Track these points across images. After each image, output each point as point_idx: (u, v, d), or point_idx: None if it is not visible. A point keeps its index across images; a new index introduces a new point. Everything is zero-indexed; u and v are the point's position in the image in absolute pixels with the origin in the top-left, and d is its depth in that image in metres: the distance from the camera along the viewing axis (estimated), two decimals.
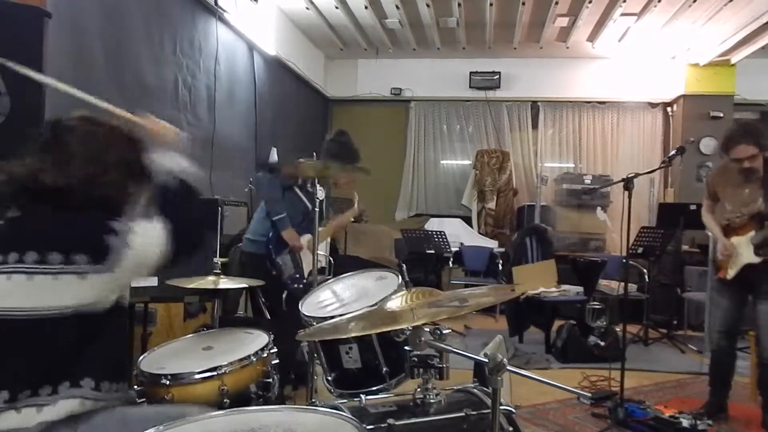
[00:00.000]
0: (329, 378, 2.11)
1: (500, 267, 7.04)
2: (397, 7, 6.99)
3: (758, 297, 3.35)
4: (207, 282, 2.59)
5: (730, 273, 3.45)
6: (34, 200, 1.58)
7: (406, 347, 1.64)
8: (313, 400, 2.36)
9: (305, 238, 3.58)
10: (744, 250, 3.36)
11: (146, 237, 1.59)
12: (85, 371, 1.52)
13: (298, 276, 3.55)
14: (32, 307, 1.48)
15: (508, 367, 1.28)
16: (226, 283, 2.62)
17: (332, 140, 3.68)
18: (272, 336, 2.20)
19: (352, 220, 3.80)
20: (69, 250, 1.50)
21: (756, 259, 3.29)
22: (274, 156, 6.93)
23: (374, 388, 2.00)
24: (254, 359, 2.02)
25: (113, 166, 1.63)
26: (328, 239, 5.16)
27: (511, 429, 1.71)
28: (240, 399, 1.92)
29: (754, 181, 3.32)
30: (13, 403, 1.44)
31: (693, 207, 5.58)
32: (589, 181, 8.03)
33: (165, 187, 1.71)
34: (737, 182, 3.41)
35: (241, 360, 1.99)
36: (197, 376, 1.90)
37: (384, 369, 1.99)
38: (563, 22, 7.29)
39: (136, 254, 1.55)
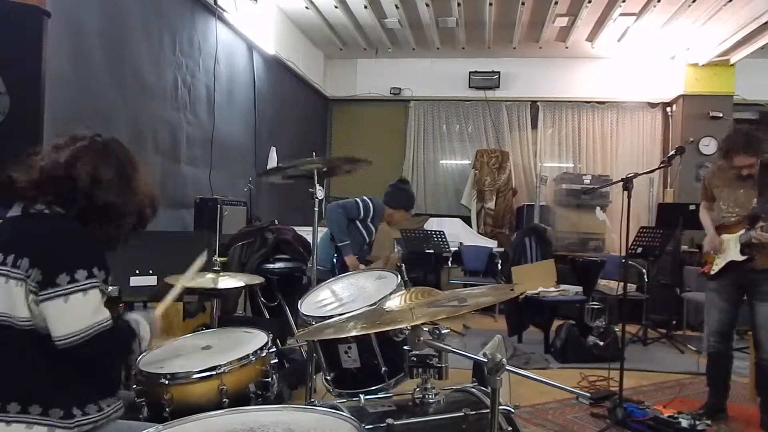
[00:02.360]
0: (328, 378, 2.11)
1: (499, 267, 7.04)
2: (396, 6, 6.99)
3: (756, 298, 3.38)
4: (206, 281, 2.59)
5: (714, 268, 3.52)
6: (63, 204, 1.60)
7: (405, 347, 1.64)
8: (312, 400, 2.36)
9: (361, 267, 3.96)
10: (731, 247, 3.43)
11: (84, 307, 1.53)
12: (50, 400, 1.51)
13: None
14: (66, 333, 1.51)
15: (507, 367, 1.28)
16: (225, 282, 2.62)
17: (400, 188, 4.34)
18: (271, 335, 2.20)
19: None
20: (34, 260, 1.51)
21: (740, 258, 3.37)
22: (273, 156, 6.93)
23: (373, 388, 1.99)
24: (253, 359, 2.02)
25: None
26: None
27: (510, 429, 1.71)
28: (239, 398, 1.92)
29: (749, 183, 3.39)
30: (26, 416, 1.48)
31: (692, 207, 5.57)
32: (588, 181, 8.02)
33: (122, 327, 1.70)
34: (733, 183, 3.47)
35: (240, 359, 1.98)
36: (196, 376, 1.90)
37: (383, 369, 1.99)
38: (563, 21, 7.29)
39: (62, 309, 1.50)
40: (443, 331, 1.56)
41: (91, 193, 1.60)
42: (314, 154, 3.28)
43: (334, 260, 3.98)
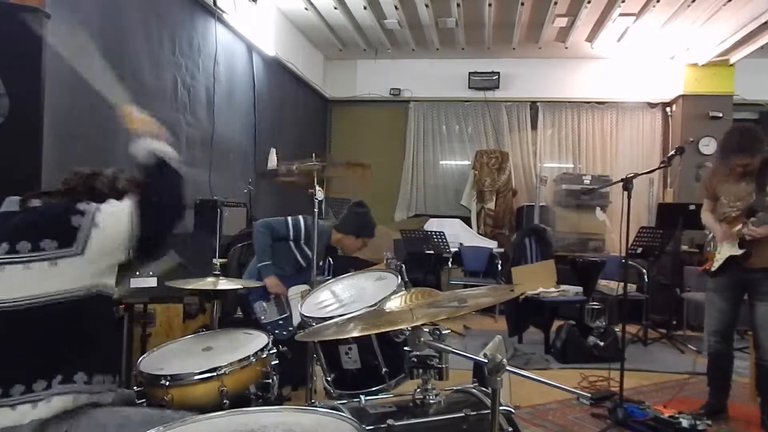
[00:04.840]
0: (329, 378, 2.11)
1: (499, 267, 7.04)
2: (395, 7, 6.99)
3: (756, 298, 3.38)
4: (206, 283, 2.59)
5: (715, 265, 3.52)
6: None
7: (406, 348, 1.64)
8: (313, 401, 2.36)
9: (298, 288, 3.61)
10: (731, 242, 3.43)
11: (113, 215, 1.58)
12: (77, 365, 1.52)
13: (281, 323, 3.56)
14: (6, 298, 1.49)
15: (508, 368, 1.28)
16: (225, 284, 2.62)
17: (353, 211, 3.84)
18: (271, 337, 2.20)
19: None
20: (37, 237, 1.51)
21: (738, 251, 3.37)
22: (273, 157, 6.92)
23: (374, 389, 1.99)
24: (254, 360, 2.02)
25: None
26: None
27: (510, 429, 1.71)
28: (239, 400, 1.92)
29: (750, 177, 3.40)
30: (7, 399, 1.44)
31: (692, 207, 5.57)
32: (588, 182, 8.03)
33: (144, 167, 1.72)
34: (734, 177, 3.47)
35: (240, 361, 1.98)
36: (197, 377, 1.90)
37: (383, 369, 1.99)
38: (562, 22, 7.29)
39: (103, 233, 1.54)
40: (443, 332, 1.56)
41: None
42: (314, 155, 3.29)
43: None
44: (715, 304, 3.59)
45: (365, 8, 7.05)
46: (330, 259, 5.59)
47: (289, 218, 3.68)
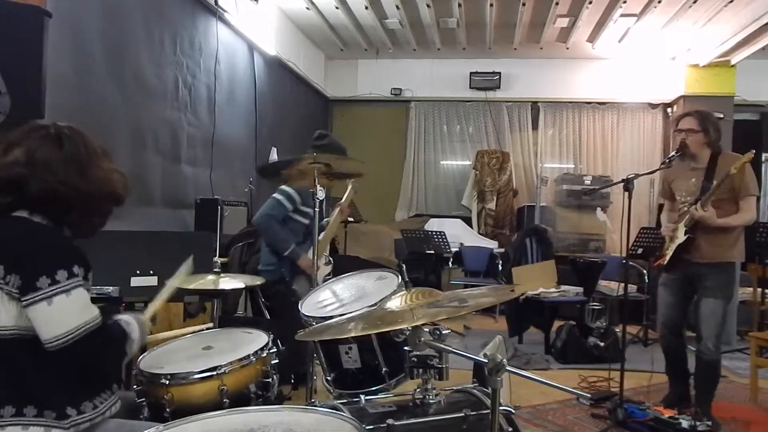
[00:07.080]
0: (329, 378, 2.11)
1: (500, 267, 7.03)
2: (397, 7, 6.99)
3: (702, 293, 3.46)
4: (207, 282, 2.59)
5: (667, 258, 3.61)
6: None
7: (406, 347, 1.64)
8: (313, 400, 2.36)
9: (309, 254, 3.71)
10: (679, 234, 3.51)
11: (69, 308, 1.47)
12: (80, 393, 1.52)
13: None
14: (19, 324, 1.48)
15: (508, 368, 1.28)
16: (225, 283, 2.62)
17: (317, 143, 3.77)
18: (272, 336, 2.20)
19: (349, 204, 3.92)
20: (10, 266, 1.46)
21: (683, 237, 3.45)
22: (274, 156, 6.93)
23: (374, 389, 1.99)
24: (254, 359, 2.02)
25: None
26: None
27: (510, 429, 1.71)
28: (239, 399, 1.92)
29: (700, 172, 3.48)
30: None
31: None
32: (589, 182, 8.03)
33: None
34: (686, 173, 3.56)
35: (240, 360, 1.98)
36: (197, 376, 1.90)
37: (383, 369, 1.99)
38: (563, 22, 7.29)
39: (47, 312, 1.45)
40: (444, 332, 1.56)
41: (26, 176, 1.50)
42: (315, 154, 3.28)
43: (283, 266, 3.76)
44: (662, 298, 3.69)
45: (366, 8, 7.05)
46: (330, 258, 5.60)
47: (276, 195, 3.75)
